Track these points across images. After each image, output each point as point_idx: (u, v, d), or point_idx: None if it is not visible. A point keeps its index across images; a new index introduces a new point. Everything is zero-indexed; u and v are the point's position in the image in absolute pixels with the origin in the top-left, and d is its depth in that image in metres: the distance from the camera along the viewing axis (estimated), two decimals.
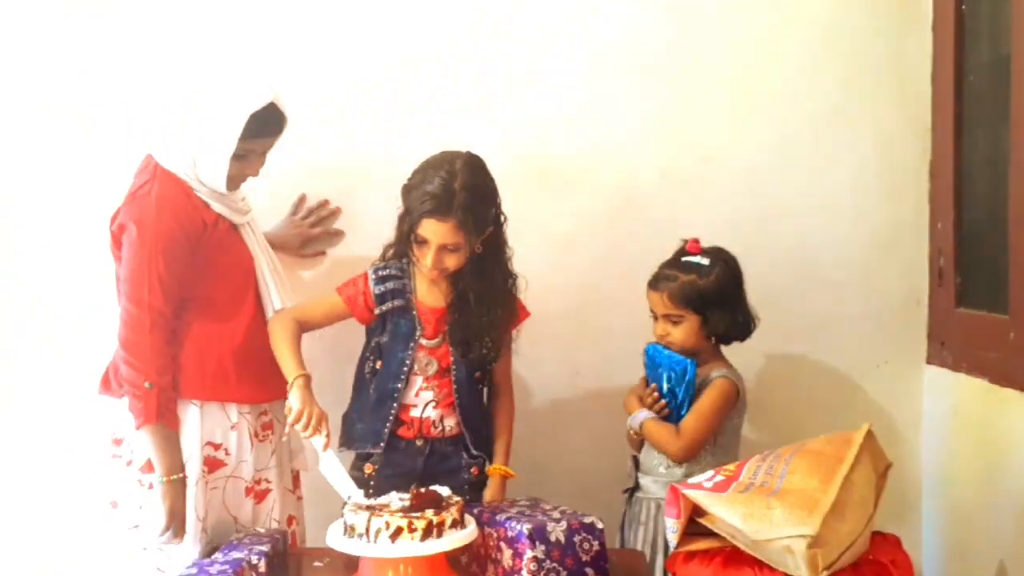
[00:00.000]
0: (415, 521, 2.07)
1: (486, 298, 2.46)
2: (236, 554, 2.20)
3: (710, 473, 2.16)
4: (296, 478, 2.60)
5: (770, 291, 2.76)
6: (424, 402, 2.50)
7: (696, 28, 2.84)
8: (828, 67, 2.85)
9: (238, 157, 2.33)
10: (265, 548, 2.23)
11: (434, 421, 2.50)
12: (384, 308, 2.49)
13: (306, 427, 2.32)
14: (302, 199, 2.84)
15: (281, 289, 2.51)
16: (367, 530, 2.07)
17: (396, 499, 2.18)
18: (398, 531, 2.06)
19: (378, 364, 2.52)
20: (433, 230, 2.35)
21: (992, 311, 2.59)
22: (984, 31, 2.69)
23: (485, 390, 2.58)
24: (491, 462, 2.53)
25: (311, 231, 2.82)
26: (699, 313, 2.50)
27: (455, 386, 2.49)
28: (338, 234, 2.85)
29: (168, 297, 2.32)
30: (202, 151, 2.32)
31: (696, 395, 2.50)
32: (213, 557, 2.23)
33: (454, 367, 2.49)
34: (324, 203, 2.83)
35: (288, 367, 2.40)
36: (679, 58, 2.85)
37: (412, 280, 2.51)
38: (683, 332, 2.51)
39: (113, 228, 2.38)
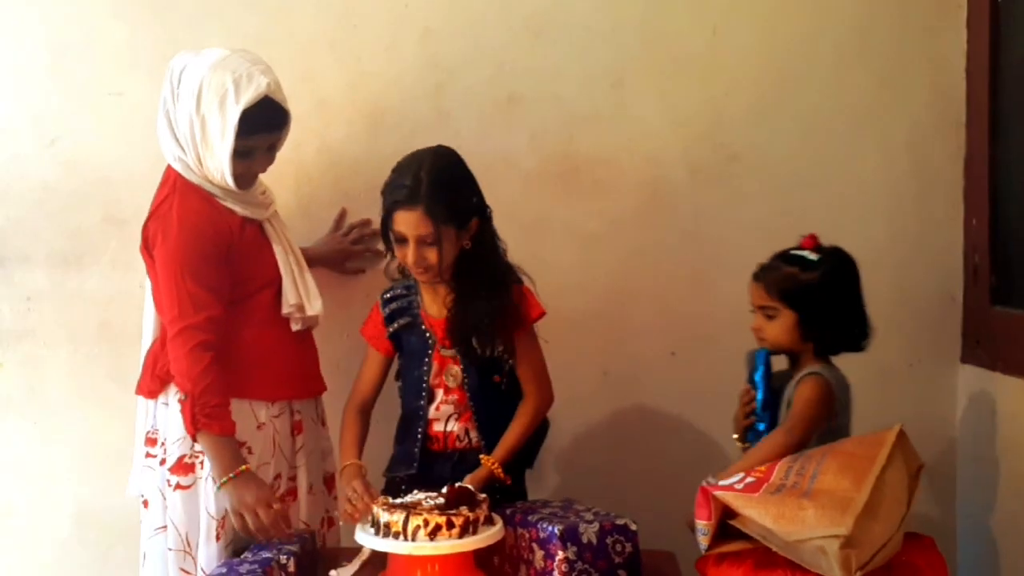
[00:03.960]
0: (453, 518, 2.07)
1: (478, 292, 2.40)
2: (265, 554, 2.20)
3: (741, 475, 2.14)
4: (331, 479, 2.59)
5: None
6: (445, 416, 2.47)
7: (725, 26, 2.81)
8: (860, 63, 2.82)
9: (242, 155, 2.31)
10: (294, 548, 2.23)
11: (458, 435, 2.47)
12: (393, 328, 2.49)
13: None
14: (342, 214, 2.84)
15: (298, 283, 2.47)
16: (404, 528, 2.07)
17: (426, 498, 2.18)
18: (436, 528, 2.06)
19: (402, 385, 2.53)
20: (405, 222, 2.32)
21: None
22: (1019, 26, 2.65)
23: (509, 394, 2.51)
24: (527, 469, 2.51)
25: (353, 248, 2.82)
26: (795, 309, 2.36)
27: (469, 394, 2.45)
28: (379, 254, 2.83)
29: (198, 308, 2.29)
30: (205, 152, 2.31)
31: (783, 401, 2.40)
32: (243, 556, 2.24)
33: (465, 374, 2.45)
34: (367, 221, 2.82)
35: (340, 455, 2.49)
36: (707, 56, 2.82)
37: (419, 296, 2.50)
38: (777, 328, 2.37)
39: (141, 245, 2.39)
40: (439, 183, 2.32)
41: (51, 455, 2.88)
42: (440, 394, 2.46)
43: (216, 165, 2.31)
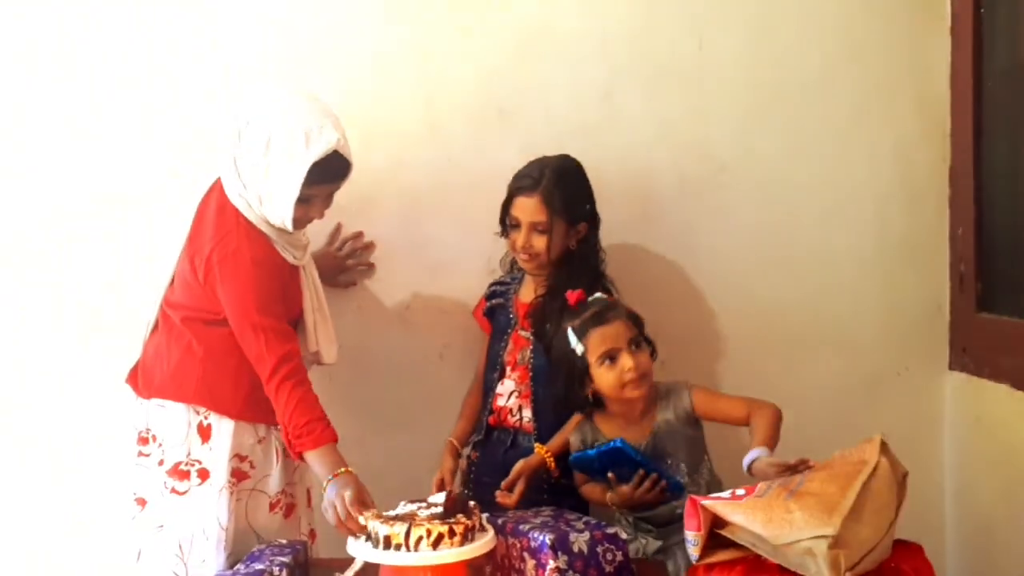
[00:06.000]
0: (454, 527, 2.07)
1: (566, 287, 2.51)
2: (257, 565, 2.20)
3: (729, 491, 2.15)
4: (307, 493, 2.63)
5: (790, 299, 2.77)
6: (508, 391, 2.63)
7: (712, 38, 2.84)
8: (846, 74, 2.84)
9: (302, 201, 2.35)
10: (286, 559, 2.23)
11: (511, 410, 2.61)
12: (490, 304, 2.72)
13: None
14: (338, 228, 2.86)
15: (320, 329, 2.53)
16: (406, 539, 2.05)
17: (419, 508, 2.16)
18: (439, 538, 2.05)
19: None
20: (522, 207, 2.54)
21: (1014, 316, 2.59)
22: (1003, 37, 2.68)
23: None
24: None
25: (345, 262, 2.85)
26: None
27: (531, 374, 2.59)
28: (371, 267, 2.88)
29: (282, 340, 2.36)
30: (267, 195, 2.35)
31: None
32: (235, 568, 2.25)
33: (532, 355, 2.59)
34: (359, 235, 2.86)
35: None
36: (696, 66, 2.84)
37: (518, 283, 2.71)
38: (647, 358, 2.39)
39: (199, 266, 2.38)
40: (559, 178, 2.54)
41: (54, 449, 2.89)
42: (509, 370, 2.63)
43: (275, 208, 2.35)
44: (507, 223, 2.60)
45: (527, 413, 2.60)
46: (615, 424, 2.42)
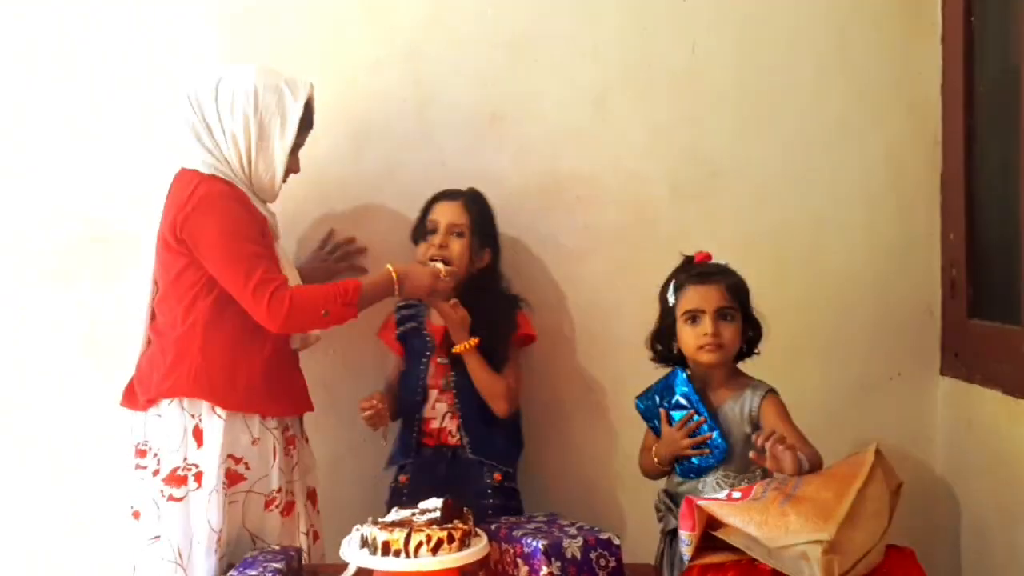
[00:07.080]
0: (452, 532, 2.09)
1: (477, 308, 2.61)
2: (251, 571, 2.22)
3: (725, 492, 2.16)
4: (313, 494, 2.63)
5: (781, 305, 2.75)
6: (440, 414, 2.66)
7: (705, 44, 2.85)
8: (837, 80, 2.85)
9: (291, 151, 2.45)
10: (279, 565, 2.25)
11: (451, 431, 2.65)
12: (402, 329, 2.73)
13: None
14: (330, 234, 2.88)
15: None
16: (406, 546, 2.07)
17: (413, 514, 2.18)
18: (439, 543, 2.07)
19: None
20: (442, 210, 2.64)
21: (1005, 322, 2.59)
22: (993, 43, 2.69)
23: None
24: (507, 470, 2.65)
25: (337, 266, 2.86)
26: (744, 313, 2.41)
27: (456, 392, 2.64)
28: (362, 270, 2.89)
29: (274, 268, 2.39)
30: (258, 155, 2.42)
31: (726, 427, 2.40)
32: (228, 574, 2.26)
33: (454, 375, 2.64)
34: (351, 239, 2.88)
35: None
36: (688, 74, 2.85)
37: (427, 309, 2.72)
38: (734, 332, 2.38)
39: (175, 232, 2.38)
40: (478, 197, 2.69)
41: (53, 461, 2.91)
42: (434, 394, 2.67)
43: (269, 166, 2.45)
44: (422, 230, 2.66)
45: (463, 431, 2.64)
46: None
